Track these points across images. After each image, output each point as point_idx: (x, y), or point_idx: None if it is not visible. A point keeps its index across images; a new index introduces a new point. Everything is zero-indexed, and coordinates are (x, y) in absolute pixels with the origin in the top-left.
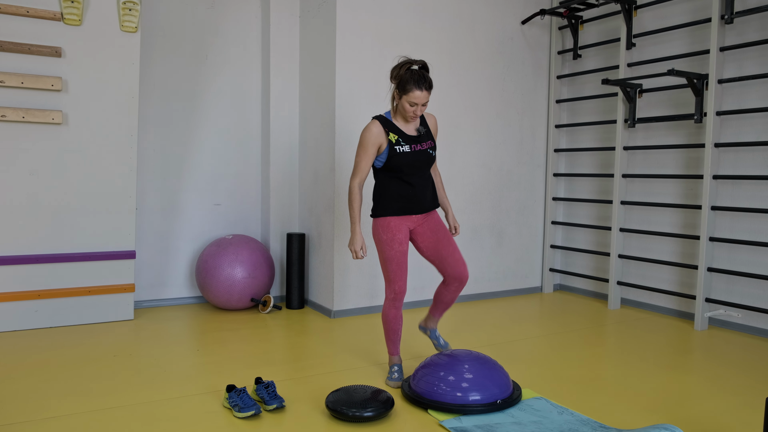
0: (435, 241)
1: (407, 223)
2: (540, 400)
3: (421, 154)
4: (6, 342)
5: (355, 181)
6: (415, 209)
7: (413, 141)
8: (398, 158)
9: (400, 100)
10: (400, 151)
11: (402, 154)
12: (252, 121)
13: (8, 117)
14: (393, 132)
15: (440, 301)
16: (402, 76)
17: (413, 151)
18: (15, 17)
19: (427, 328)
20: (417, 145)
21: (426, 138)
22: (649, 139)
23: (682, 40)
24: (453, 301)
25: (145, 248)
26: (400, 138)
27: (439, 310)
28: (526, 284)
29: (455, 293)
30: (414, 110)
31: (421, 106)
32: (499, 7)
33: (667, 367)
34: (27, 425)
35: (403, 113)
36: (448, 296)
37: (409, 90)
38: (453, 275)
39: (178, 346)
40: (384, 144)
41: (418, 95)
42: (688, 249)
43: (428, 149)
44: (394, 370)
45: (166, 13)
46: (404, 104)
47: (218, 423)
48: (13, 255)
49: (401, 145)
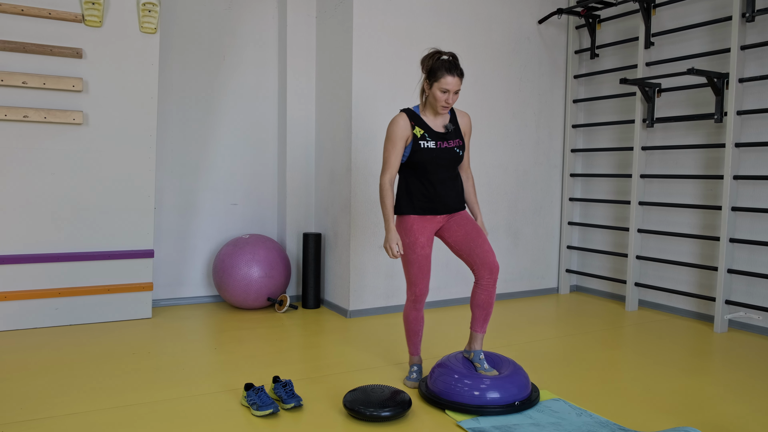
0: (463, 234)
1: (431, 225)
2: (558, 402)
3: (446, 152)
4: (28, 339)
5: (385, 178)
6: (438, 209)
7: (440, 138)
8: (421, 154)
9: (430, 90)
10: (424, 146)
11: (426, 150)
12: (269, 122)
13: (30, 117)
14: (419, 126)
15: (476, 304)
16: (432, 65)
17: (438, 147)
18: (38, 19)
19: (471, 350)
20: (443, 142)
21: (454, 136)
22: (667, 139)
23: (701, 39)
24: (489, 302)
25: (163, 247)
26: (426, 133)
27: (479, 319)
28: (543, 285)
29: (488, 289)
30: (446, 98)
31: (453, 94)
32: (516, 7)
33: (685, 370)
34: (48, 421)
35: (433, 104)
36: (482, 295)
37: (441, 76)
38: (482, 265)
39: (195, 345)
40: (410, 137)
41: (450, 81)
42: (708, 250)
43: (455, 147)
44: (413, 371)
45: (185, 14)
46: (435, 92)
47: (237, 421)
48: (35, 253)
49: (426, 140)
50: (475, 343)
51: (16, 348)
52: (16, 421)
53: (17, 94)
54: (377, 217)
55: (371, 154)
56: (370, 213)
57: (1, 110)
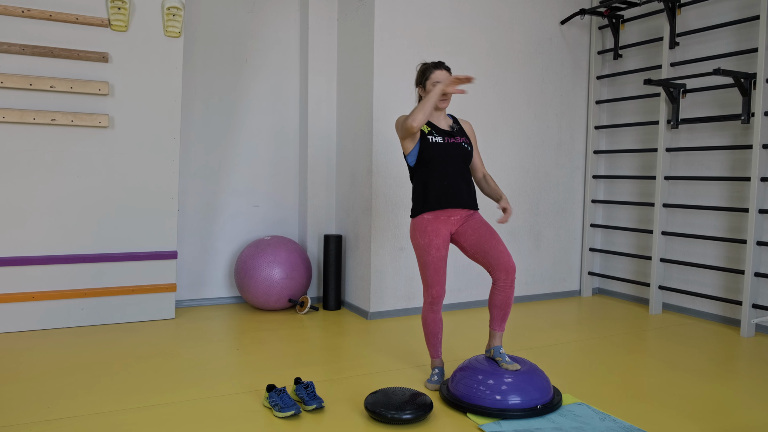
0: (477, 237)
1: (446, 226)
2: (581, 406)
3: (455, 147)
4: (54, 339)
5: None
6: (451, 202)
7: (447, 134)
8: (431, 149)
9: (425, 90)
10: (432, 141)
11: (434, 145)
12: (290, 124)
13: (58, 121)
14: (426, 124)
15: (493, 305)
16: (419, 70)
17: (446, 142)
18: (65, 24)
19: (490, 347)
20: (450, 138)
21: (460, 134)
22: (692, 141)
23: (727, 39)
24: (507, 302)
25: (186, 249)
26: (434, 130)
27: (497, 319)
28: (564, 288)
29: (506, 290)
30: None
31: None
32: (538, 8)
33: (711, 375)
34: (74, 420)
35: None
36: (499, 296)
37: (430, 73)
38: (498, 266)
39: (218, 345)
40: (417, 134)
41: (439, 73)
42: (734, 253)
43: (463, 143)
44: (435, 373)
45: (208, 18)
46: (429, 89)
47: (259, 422)
48: (61, 254)
49: (434, 135)
50: (494, 340)
51: (43, 347)
52: (44, 420)
53: (45, 98)
54: (398, 219)
55: (392, 156)
56: (391, 215)
57: (30, 114)
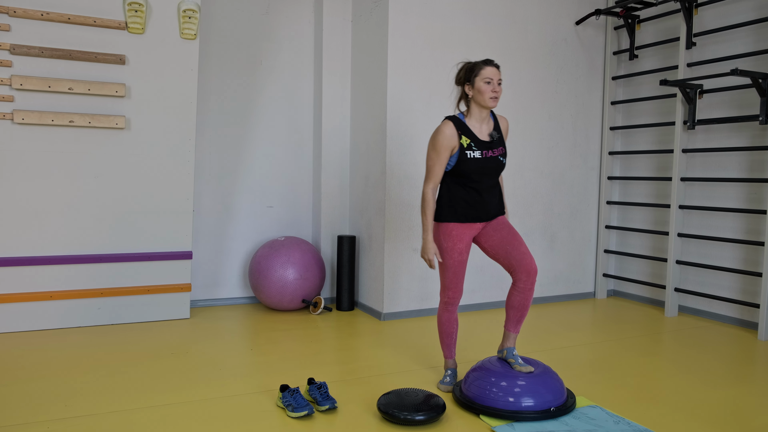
0: (500, 239)
1: (470, 231)
2: (595, 409)
3: (491, 161)
4: (72, 337)
5: (428, 187)
6: (480, 217)
7: (485, 147)
8: (467, 164)
9: (474, 88)
10: (470, 156)
11: (472, 160)
12: (304, 125)
13: (76, 122)
14: (466, 135)
15: (511, 306)
16: (467, 66)
17: (484, 157)
18: (83, 27)
19: (504, 347)
20: (488, 152)
21: (498, 144)
22: (709, 142)
23: (745, 39)
24: (525, 304)
25: (201, 249)
26: (473, 143)
27: (513, 320)
28: (579, 289)
29: (525, 292)
30: (492, 88)
31: (497, 84)
32: (553, 8)
33: (728, 378)
34: (90, 418)
35: (481, 100)
36: (517, 297)
37: (480, 69)
38: (520, 268)
39: (232, 345)
40: (456, 147)
41: (490, 70)
42: (752, 255)
43: (499, 156)
44: (447, 374)
45: (223, 20)
46: (480, 86)
47: (272, 422)
48: (79, 254)
49: (473, 149)
50: (508, 341)
51: (61, 346)
52: (61, 418)
53: (63, 100)
54: (411, 220)
55: (406, 158)
56: (405, 216)
57: (49, 115)
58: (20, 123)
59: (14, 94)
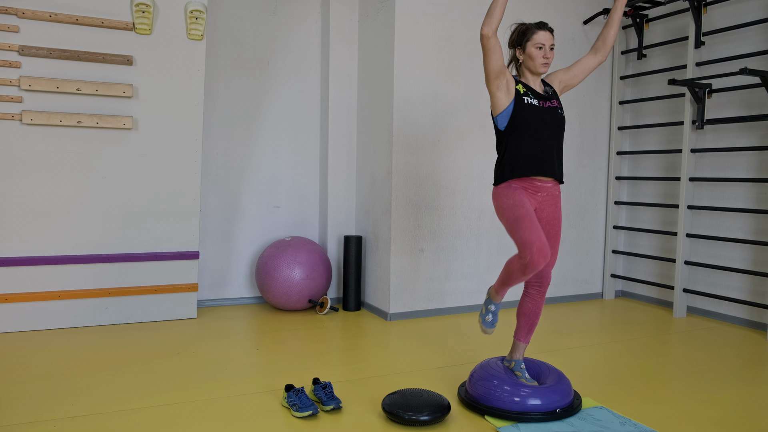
0: (545, 231)
1: (531, 199)
2: (601, 410)
3: (550, 111)
4: (80, 337)
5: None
6: (543, 169)
7: (542, 98)
8: (525, 112)
9: (524, 53)
10: (528, 102)
11: (529, 107)
12: (311, 125)
13: (84, 123)
14: (521, 84)
15: (522, 312)
16: (520, 29)
17: (541, 106)
18: (91, 28)
19: (512, 359)
20: (546, 102)
21: (554, 96)
22: (718, 141)
23: (755, 38)
24: (536, 312)
25: (208, 249)
26: (528, 91)
27: (524, 328)
28: (587, 290)
29: (535, 298)
30: (543, 53)
31: (549, 49)
32: (560, 8)
33: (737, 380)
34: (97, 417)
35: (531, 65)
36: (528, 303)
37: (532, 33)
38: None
39: (238, 345)
40: (513, 90)
41: (543, 35)
42: (761, 256)
43: (558, 108)
44: (491, 310)
45: (230, 21)
46: (531, 51)
47: (277, 422)
48: (87, 254)
49: (529, 96)
50: (517, 353)
51: (69, 345)
52: (68, 417)
53: (71, 101)
54: (417, 219)
55: (412, 158)
56: (411, 216)
57: (57, 116)
58: (29, 124)
59: (23, 95)
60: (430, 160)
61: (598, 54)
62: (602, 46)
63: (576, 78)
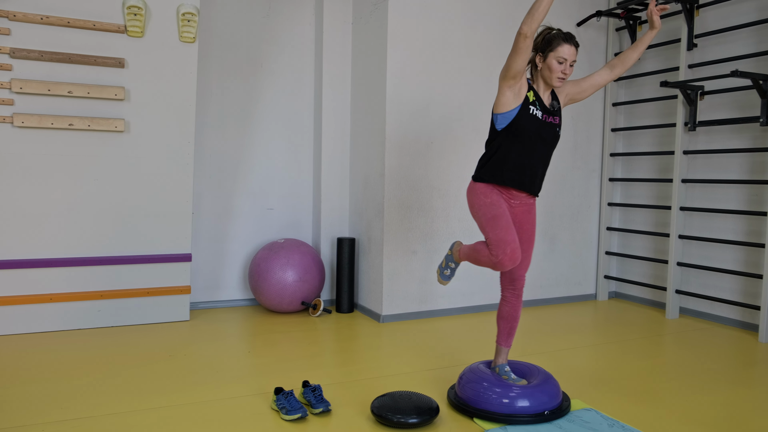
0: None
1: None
2: (590, 412)
3: (549, 128)
4: (71, 340)
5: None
6: (524, 185)
7: (547, 111)
8: (526, 121)
9: (544, 62)
10: (532, 112)
11: (532, 118)
12: (304, 127)
13: (75, 125)
14: (532, 92)
15: (500, 316)
16: (546, 35)
17: (543, 120)
18: (83, 30)
19: (496, 364)
20: (549, 117)
21: (558, 113)
22: (711, 143)
23: (747, 40)
24: (513, 315)
25: (201, 251)
26: (537, 101)
27: (504, 332)
28: (580, 291)
29: (511, 301)
30: (562, 68)
31: (569, 65)
32: (554, 10)
33: (728, 381)
34: (88, 421)
35: (548, 77)
36: (505, 307)
37: (557, 45)
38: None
39: (230, 347)
40: (522, 93)
41: (567, 49)
42: (753, 257)
43: (557, 126)
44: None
45: (223, 23)
46: (551, 63)
47: (266, 425)
48: (79, 257)
49: (536, 107)
50: (499, 358)
51: (60, 348)
52: (58, 420)
53: (63, 103)
54: (410, 221)
55: (404, 160)
56: (404, 218)
57: (48, 119)
58: (20, 126)
59: (14, 98)
60: (423, 162)
61: (614, 71)
62: (620, 66)
63: (584, 93)
